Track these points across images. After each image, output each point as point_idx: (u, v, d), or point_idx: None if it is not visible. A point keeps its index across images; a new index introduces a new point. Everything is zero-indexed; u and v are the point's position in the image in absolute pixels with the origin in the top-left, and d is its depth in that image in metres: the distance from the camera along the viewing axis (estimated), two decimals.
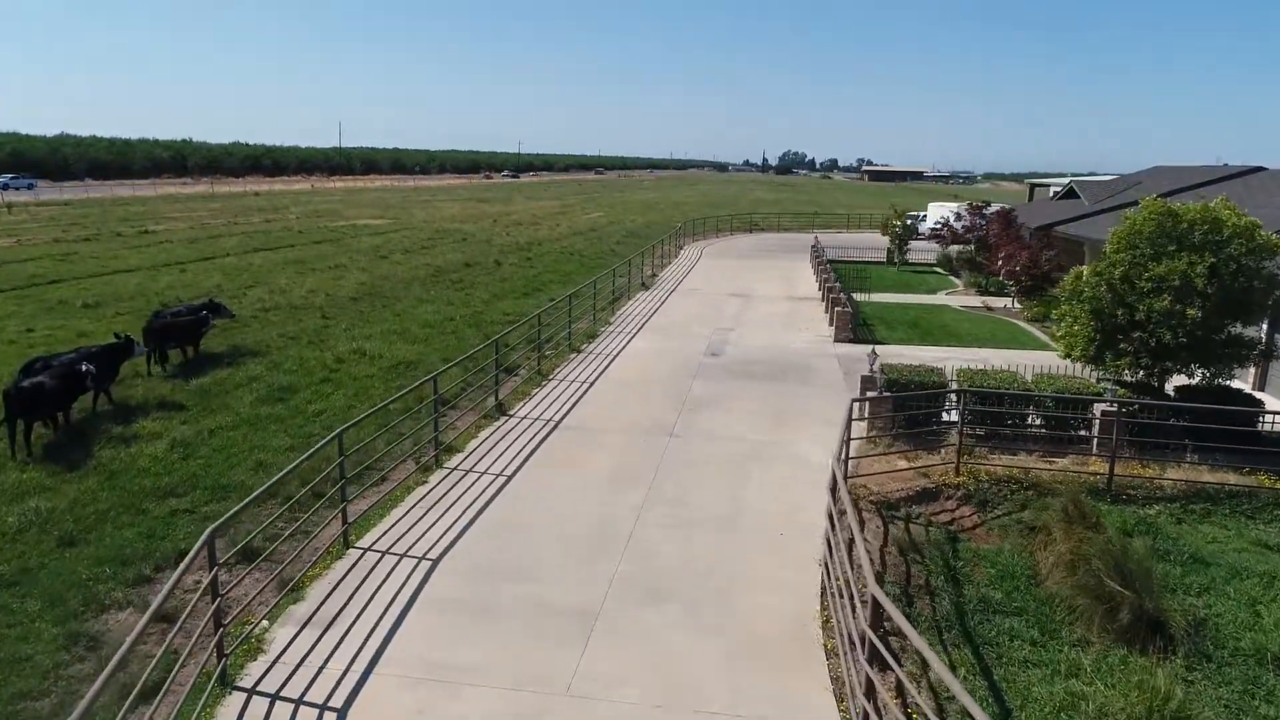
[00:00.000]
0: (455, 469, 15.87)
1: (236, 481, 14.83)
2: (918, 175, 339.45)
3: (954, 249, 47.31)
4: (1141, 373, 17.34)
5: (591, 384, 21.79)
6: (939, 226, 44.22)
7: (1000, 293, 37.83)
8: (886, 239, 67.99)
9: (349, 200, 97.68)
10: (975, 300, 35.98)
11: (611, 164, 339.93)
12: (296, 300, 32.22)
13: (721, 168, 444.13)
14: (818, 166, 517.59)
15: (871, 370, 18.93)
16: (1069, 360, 18.84)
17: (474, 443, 17.31)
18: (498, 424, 18.49)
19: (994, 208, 39.04)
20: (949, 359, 24.87)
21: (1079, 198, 39.11)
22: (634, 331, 28.47)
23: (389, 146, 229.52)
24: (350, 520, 12.99)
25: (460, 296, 34.62)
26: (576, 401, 20.16)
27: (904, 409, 17.14)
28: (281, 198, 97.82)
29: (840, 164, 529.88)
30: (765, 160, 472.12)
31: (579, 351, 25.35)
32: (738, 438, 17.70)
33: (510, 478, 15.34)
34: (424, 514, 13.80)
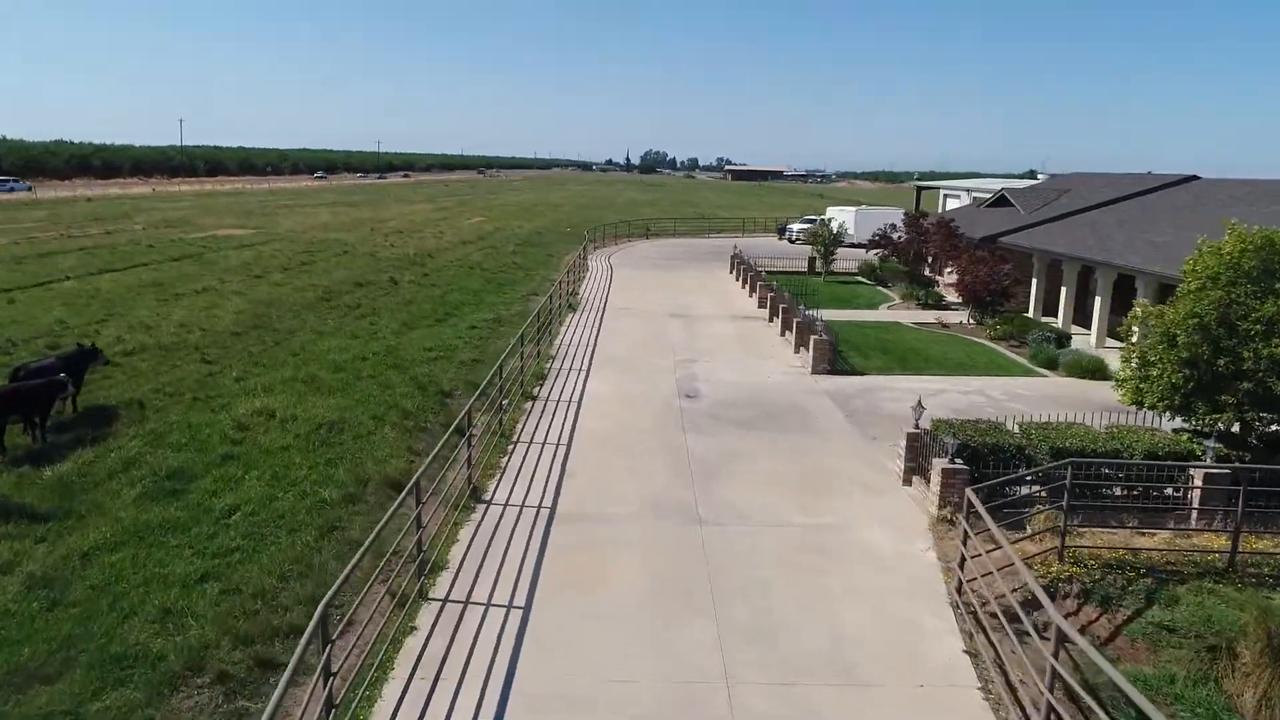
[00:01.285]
0: (447, 600, 11.87)
1: (136, 648, 10.36)
2: (777, 174, 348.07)
3: (875, 256, 45.85)
4: (1238, 425, 15.24)
5: (567, 445, 18.03)
6: (878, 236, 42.40)
7: (940, 305, 36.29)
8: (786, 242, 67.03)
9: (201, 206, 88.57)
10: (923, 315, 34.17)
11: (474, 164, 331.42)
12: (166, 338, 26.72)
13: (585, 167, 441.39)
14: (678, 166, 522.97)
15: (918, 426, 16.07)
16: (1135, 407, 16.58)
17: (457, 551, 13.30)
18: (476, 517, 14.50)
19: (932, 217, 37.58)
20: (946, 391, 22.58)
21: (1012, 205, 38.15)
22: (585, 367, 24.78)
23: (234, 145, 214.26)
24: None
25: (365, 326, 29.88)
26: (560, 474, 16.38)
27: (983, 478, 14.33)
28: (120, 204, 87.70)
29: (701, 163, 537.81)
30: (629, 160, 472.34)
31: (533, 398, 21.45)
32: (779, 520, 14.45)
33: (525, 613, 11.49)
34: (427, 695, 9.80)
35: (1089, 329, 30.61)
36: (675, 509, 14.78)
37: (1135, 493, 14.65)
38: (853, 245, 63.21)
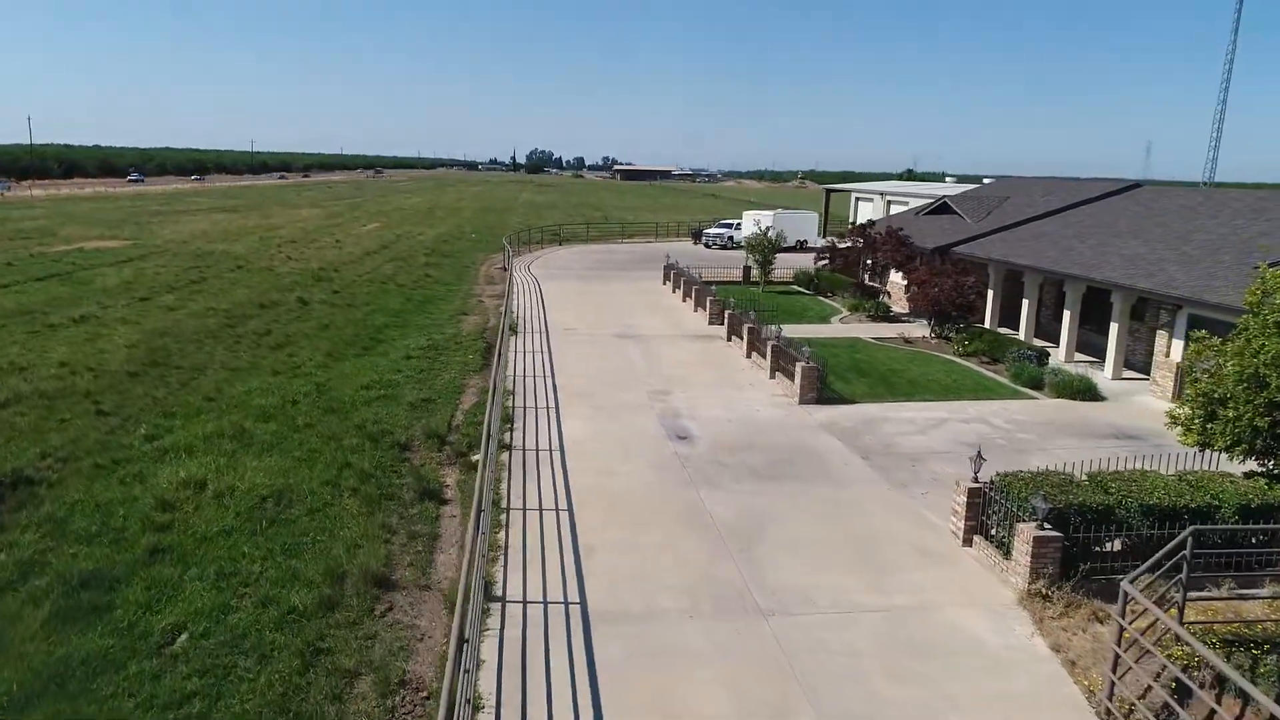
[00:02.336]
0: None
1: None
2: (666, 174, 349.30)
3: (813, 265, 44.71)
4: None
5: (568, 510, 15.48)
6: (828, 245, 40.99)
7: (890, 317, 35.27)
8: (704, 248, 65.46)
9: (61, 213, 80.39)
10: (880, 329, 32.98)
11: (355, 164, 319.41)
12: (46, 383, 22.63)
13: (471, 166, 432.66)
14: (565, 165, 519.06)
15: (977, 478, 14.30)
16: (1194, 447, 15.31)
17: (488, 680, 10.59)
18: (495, 624, 11.80)
19: (879, 226, 36.52)
20: (947, 420, 21.17)
21: (955, 213, 37.53)
22: (550, 404, 22.17)
23: (90, 144, 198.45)
24: None
25: (284, 360, 26.34)
26: (575, 553, 13.84)
27: (1075, 544, 12.67)
28: None
29: (587, 162, 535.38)
30: (515, 159, 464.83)
31: (507, 447, 18.73)
32: (850, 603, 12.41)
33: None
34: None
35: (1053, 343, 30.01)
36: (728, 596, 12.52)
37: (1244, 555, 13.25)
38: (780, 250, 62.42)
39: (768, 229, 42.26)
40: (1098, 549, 12.99)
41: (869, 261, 36.27)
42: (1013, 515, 13.21)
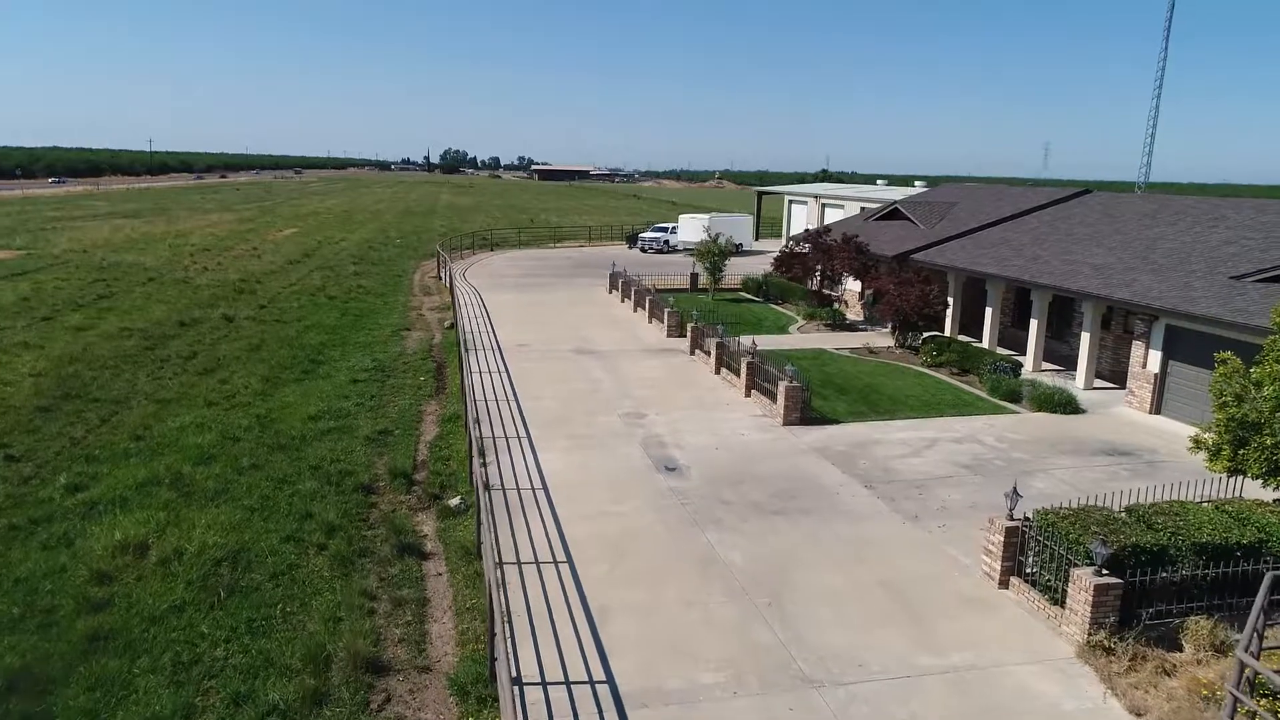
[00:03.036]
0: None
1: None
2: (584, 174, 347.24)
3: (761, 271, 43.96)
4: None
5: (567, 562, 13.98)
6: (785, 251, 39.96)
7: (846, 325, 34.66)
8: (639, 252, 64.18)
9: None
10: (842, 339, 32.28)
11: (260, 163, 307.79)
12: None
13: (384, 166, 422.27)
14: (480, 165, 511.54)
15: (1012, 515, 13.38)
16: (1222, 474, 14.74)
17: None
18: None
19: (835, 233, 35.85)
20: (938, 440, 20.39)
21: (907, 219, 37.19)
22: (521, 433, 20.55)
23: None
24: None
25: (216, 387, 23.99)
26: (589, 619, 12.34)
27: (1133, 589, 11.83)
28: None
29: (503, 162, 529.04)
30: (429, 159, 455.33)
31: (486, 487, 17.00)
32: (904, 665, 11.29)
33: None
34: None
35: (1015, 350, 29.78)
36: (771, 665, 11.25)
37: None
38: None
39: (717, 235, 41.23)
40: (1151, 591, 12.20)
41: (824, 269, 35.58)
42: (1063, 559, 12.31)
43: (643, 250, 64.48)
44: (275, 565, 13.67)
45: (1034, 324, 27.69)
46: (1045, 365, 27.95)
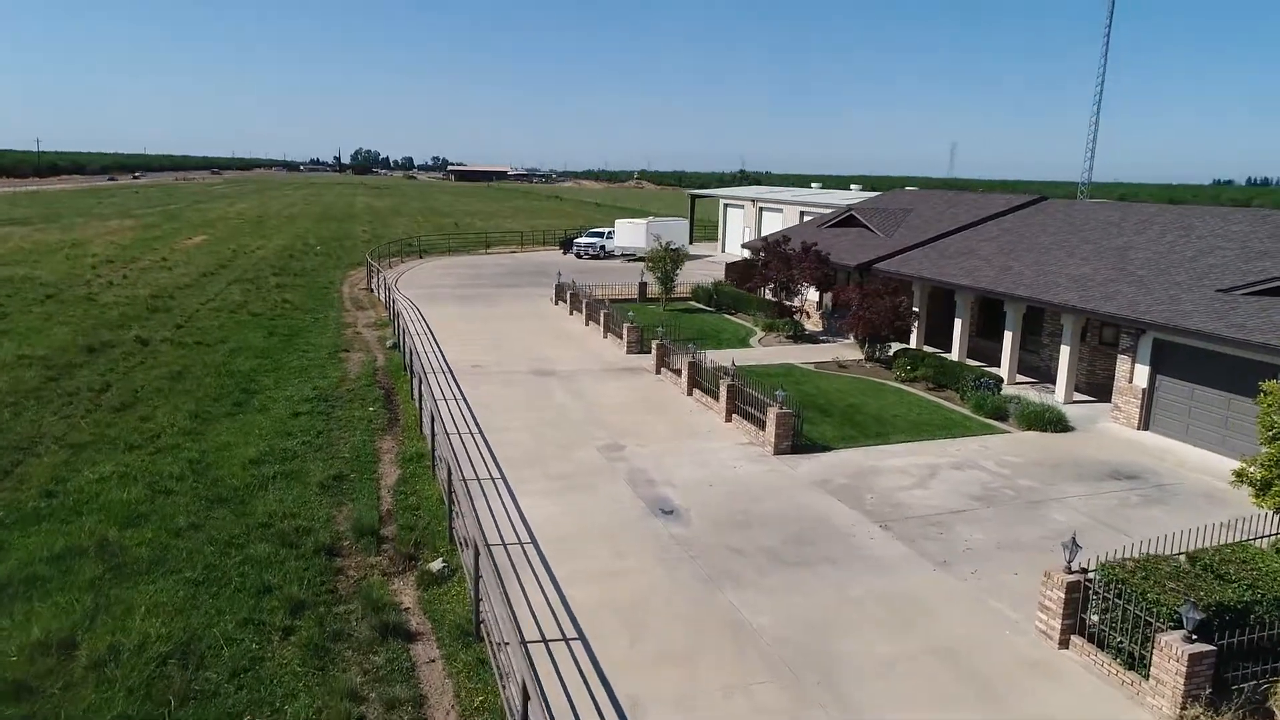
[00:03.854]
0: None
1: None
2: (501, 174, 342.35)
3: (711, 280, 42.71)
4: None
5: (582, 640, 12.22)
6: (747, 260, 38.57)
7: (807, 337, 33.61)
8: (574, 258, 62.19)
9: None
10: (808, 352, 31.16)
11: (159, 164, 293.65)
12: None
13: (292, 167, 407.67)
14: (393, 165, 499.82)
15: (1071, 567, 12.21)
16: (1272, 511, 13.91)
17: None
18: None
19: (795, 242, 34.69)
20: (939, 468, 19.33)
21: (864, 226, 36.37)
22: (495, 474, 18.64)
23: None
24: None
25: (137, 426, 21.31)
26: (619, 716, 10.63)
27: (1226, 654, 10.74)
28: None
29: (417, 162, 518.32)
30: (339, 159, 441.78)
31: (464, 544, 15.07)
32: None
33: None
34: None
35: (984, 362, 29.16)
36: None
37: None
38: (645, 259, 60.20)
39: (668, 243, 39.74)
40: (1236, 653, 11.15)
41: (783, 279, 34.44)
42: (1138, 620, 11.16)
43: (578, 256, 62.69)
44: (234, 659, 11.53)
45: (1008, 336, 27.03)
46: (1019, 377, 27.35)
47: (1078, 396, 25.37)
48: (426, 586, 13.76)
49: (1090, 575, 12.12)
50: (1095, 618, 11.92)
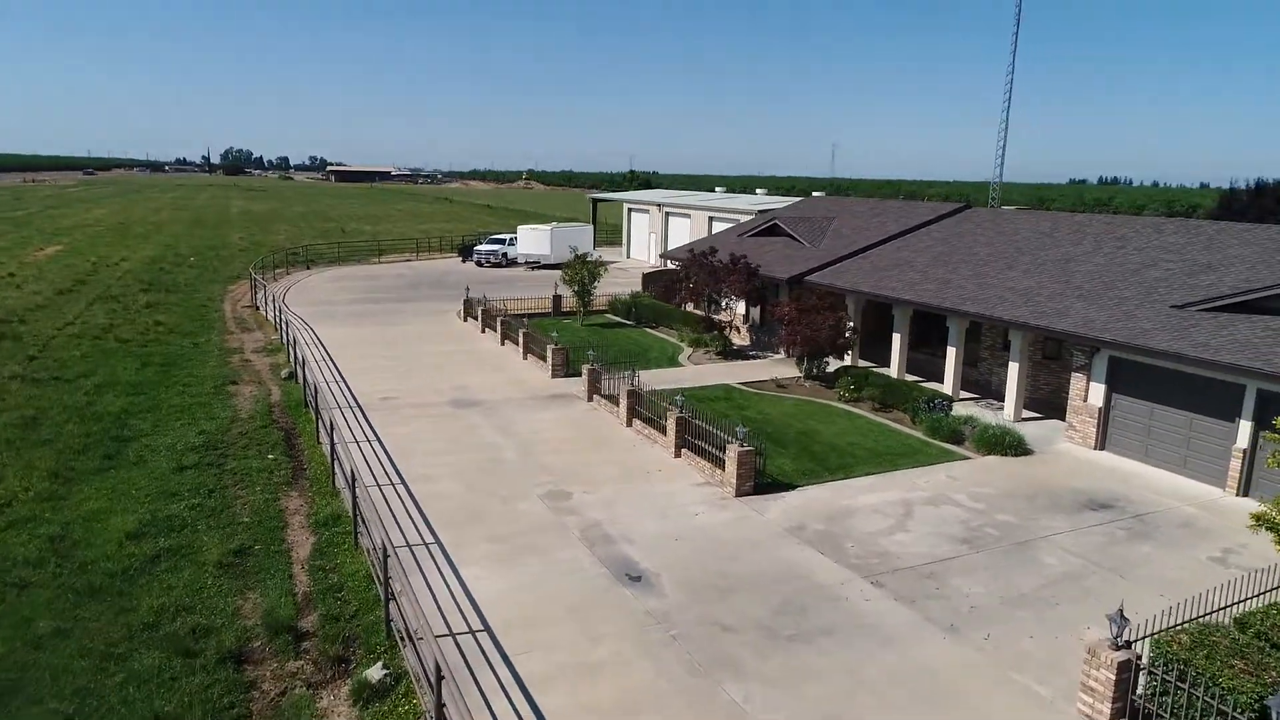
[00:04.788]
0: None
1: None
2: (385, 175, 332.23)
3: (629, 292, 40.81)
4: None
5: None
6: (680, 272, 36.41)
7: (736, 352, 32.12)
8: (475, 266, 59.07)
9: None
10: (739, 370, 29.62)
11: (10, 164, 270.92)
12: None
13: (157, 167, 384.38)
14: (268, 165, 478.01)
15: (1118, 643, 10.82)
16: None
17: None
18: None
19: (722, 253, 33.03)
20: (912, 505, 18.01)
21: (788, 235, 35.10)
22: (428, 535, 16.18)
23: None
24: None
25: None
26: None
27: None
28: None
29: (293, 162, 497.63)
30: (209, 158, 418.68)
31: (404, 638, 12.60)
32: None
33: None
34: None
35: (921, 377, 28.30)
36: None
37: None
38: (551, 266, 57.84)
39: (585, 254, 37.57)
40: None
41: (710, 292, 32.84)
42: (1213, 709, 9.83)
43: (479, 264, 59.80)
44: None
45: (951, 352, 26.17)
46: (963, 394, 26.55)
47: (1025, 413, 24.67)
48: (365, 702, 11.30)
49: (1138, 651, 10.78)
50: (1151, 705, 10.57)
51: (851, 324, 28.33)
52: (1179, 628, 10.89)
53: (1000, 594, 14.43)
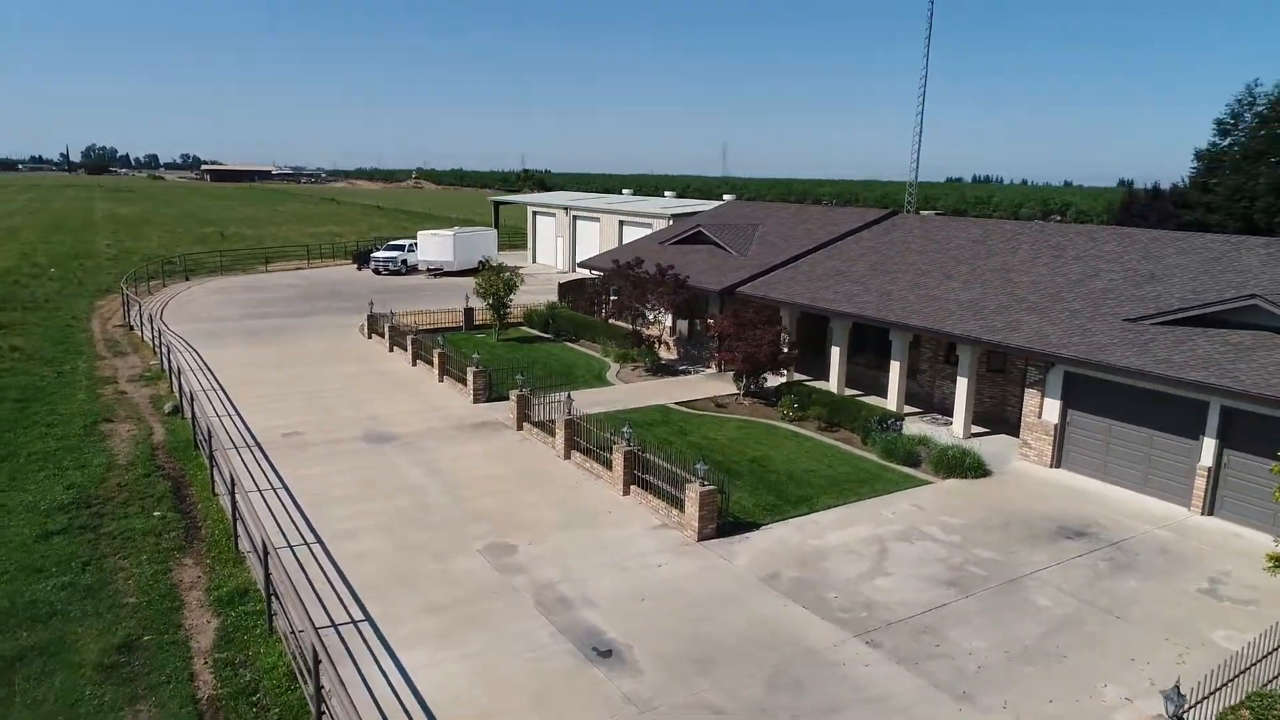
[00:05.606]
0: None
1: None
2: (265, 174, 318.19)
3: (544, 302, 38.71)
4: None
5: None
6: (616, 287, 34.19)
7: (661, 368, 30.52)
8: (371, 273, 55.52)
9: None
10: (672, 388, 28.02)
11: None
12: None
13: (9, 165, 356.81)
14: (135, 164, 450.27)
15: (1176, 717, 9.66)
16: None
17: None
18: None
19: (648, 264, 31.29)
20: (886, 544, 16.85)
21: (714, 243, 33.72)
22: (353, 610, 13.90)
23: None
24: None
25: None
26: None
27: None
28: None
29: (163, 160, 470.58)
30: (67, 156, 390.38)
31: None
32: None
33: None
34: None
35: (860, 391, 27.37)
36: None
37: None
38: (454, 273, 55.07)
39: (500, 266, 35.24)
40: None
41: (635, 304, 31.14)
42: None
43: (376, 272, 56.46)
44: None
45: (895, 367, 25.27)
46: (906, 408, 25.71)
47: (975, 428, 23.96)
48: None
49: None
50: None
51: (790, 339, 27.08)
52: (1239, 706, 9.81)
53: (1004, 647, 13.26)
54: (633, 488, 18.88)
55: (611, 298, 31.14)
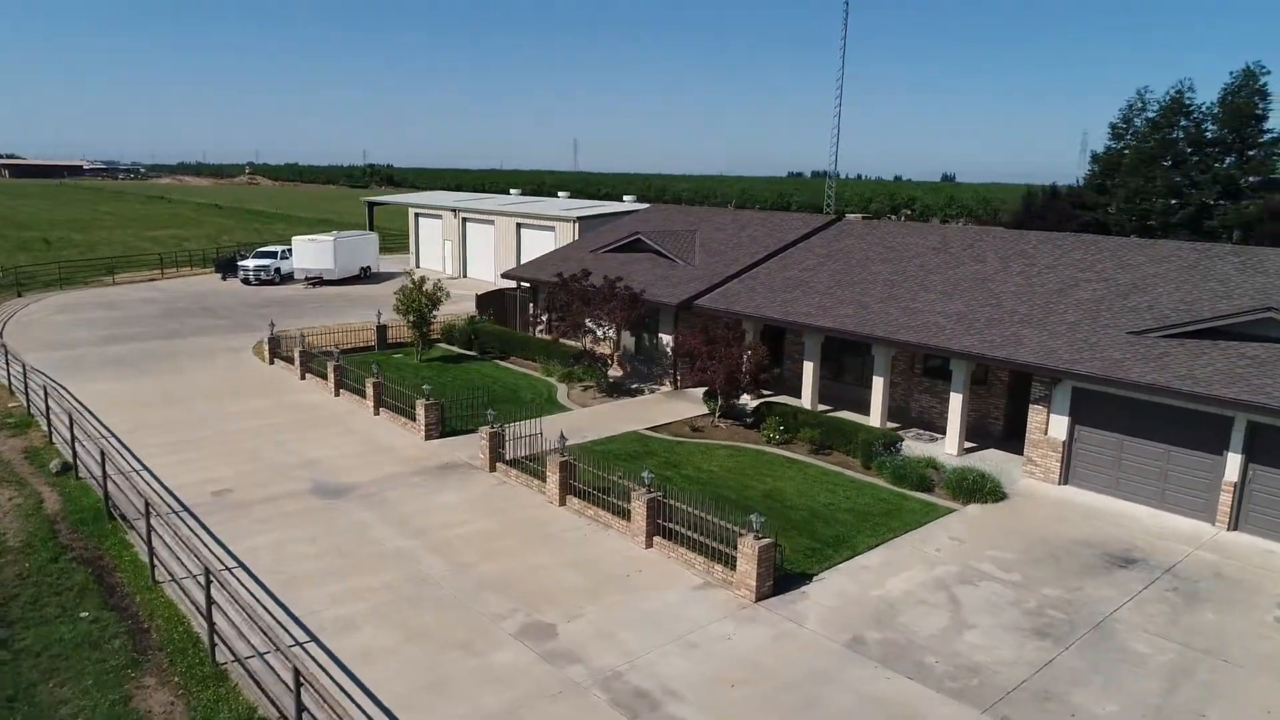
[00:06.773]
0: None
1: None
2: (76, 169, 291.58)
3: (462, 316, 35.59)
4: None
5: None
6: (561, 308, 30.98)
7: (612, 387, 28.36)
8: (242, 284, 49.89)
9: None
10: (637, 410, 25.90)
11: None
12: None
13: None
14: None
15: None
16: None
17: None
18: None
19: (583, 272, 28.84)
20: (944, 583, 15.48)
21: (654, 250, 31.63)
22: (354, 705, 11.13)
23: None
24: None
25: None
26: None
27: None
28: None
29: None
30: None
31: None
32: None
33: None
34: None
35: (831, 406, 26.22)
36: None
37: None
38: (335, 283, 50.65)
39: (422, 279, 31.85)
40: None
41: (579, 320, 28.76)
42: None
43: (246, 282, 51.17)
44: None
45: (879, 382, 24.17)
46: (888, 424, 24.72)
47: (967, 443, 23.18)
48: None
49: None
50: None
51: (768, 357, 25.50)
52: None
53: (1138, 712, 12.10)
54: (656, 539, 16.74)
55: (552, 313, 28.58)
